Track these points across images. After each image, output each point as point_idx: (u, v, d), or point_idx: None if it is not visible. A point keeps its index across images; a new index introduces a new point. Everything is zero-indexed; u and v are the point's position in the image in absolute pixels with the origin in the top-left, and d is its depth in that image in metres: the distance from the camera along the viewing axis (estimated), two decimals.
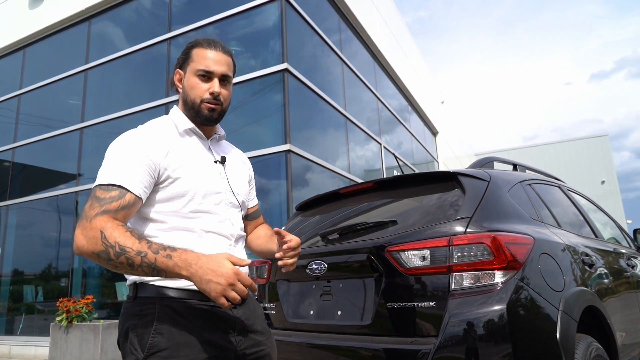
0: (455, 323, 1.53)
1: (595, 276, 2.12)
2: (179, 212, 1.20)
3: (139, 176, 1.13)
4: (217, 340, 1.17)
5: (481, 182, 1.96)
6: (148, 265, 1.02)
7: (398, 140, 10.31)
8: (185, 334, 1.13)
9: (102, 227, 1.04)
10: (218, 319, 1.19)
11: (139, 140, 1.18)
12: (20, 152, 7.86)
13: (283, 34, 5.59)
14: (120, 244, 1.03)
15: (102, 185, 1.12)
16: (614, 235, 3.27)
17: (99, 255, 1.04)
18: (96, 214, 1.07)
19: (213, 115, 1.28)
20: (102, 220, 1.06)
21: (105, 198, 1.09)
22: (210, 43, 1.31)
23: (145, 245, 1.04)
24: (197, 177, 1.22)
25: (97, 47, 7.33)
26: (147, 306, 1.15)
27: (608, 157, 23.41)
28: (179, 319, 1.14)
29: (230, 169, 1.36)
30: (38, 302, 7.07)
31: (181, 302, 1.15)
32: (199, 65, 1.27)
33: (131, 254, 1.02)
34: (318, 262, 1.99)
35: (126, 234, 1.05)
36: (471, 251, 1.62)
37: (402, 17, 12.16)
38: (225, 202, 1.28)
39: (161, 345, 1.11)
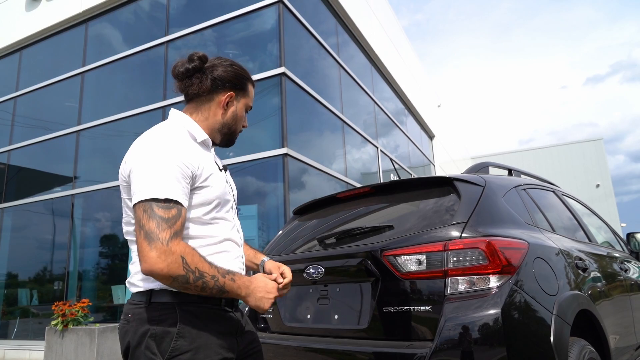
0: (450, 327, 1.55)
1: (588, 280, 2.15)
2: (200, 219, 1.23)
3: (185, 188, 1.17)
4: (228, 342, 1.24)
5: (476, 187, 1.98)
6: (219, 287, 1.16)
7: (395, 143, 10.35)
8: (205, 336, 1.19)
9: (183, 252, 1.11)
10: (227, 322, 1.26)
11: (175, 149, 1.18)
12: (16, 155, 7.84)
13: (280, 38, 5.62)
14: (200, 270, 1.13)
15: (159, 200, 1.12)
16: (607, 239, 3.30)
17: (176, 279, 1.10)
18: (170, 237, 1.11)
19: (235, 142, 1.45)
20: (181, 246, 1.12)
21: (170, 218, 1.12)
22: (254, 84, 1.46)
23: (215, 270, 1.16)
24: (220, 186, 1.28)
25: (94, 50, 7.33)
26: (165, 311, 1.17)
27: (603, 161, 23.55)
28: (198, 323, 1.19)
29: (229, 178, 1.44)
30: (33, 306, 7.04)
31: (198, 307, 1.20)
32: (251, 102, 1.43)
33: (207, 279, 1.14)
34: (315, 267, 2.00)
35: (202, 260, 1.15)
36: (466, 256, 1.64)
37: (399, 20, 12.22)
38: (233, 210, 1.36)
39: (183, 348, 1.15)
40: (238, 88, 1.35)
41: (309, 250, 2.22)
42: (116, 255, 6.61)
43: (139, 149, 1.19)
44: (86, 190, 6.75)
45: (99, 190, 6.61)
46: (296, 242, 2.35)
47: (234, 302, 1.31)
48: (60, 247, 6.89)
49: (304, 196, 5.62)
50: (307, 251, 2.21)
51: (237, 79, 1.35)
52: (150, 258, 1.08)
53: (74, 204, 6.87)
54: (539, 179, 2.91)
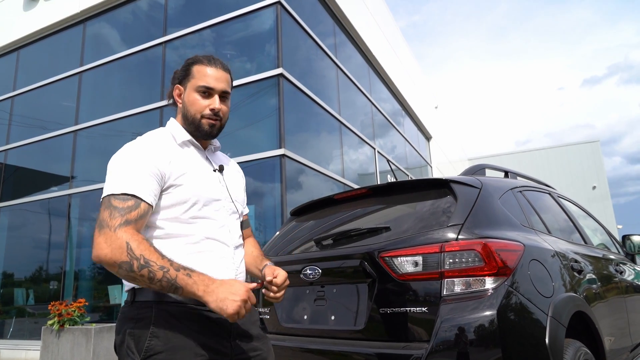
0: (446, 328, 1.56)
1: (584, 282, 2.16)
2: (179, 218, 1.23)
3: (149, 185, 1.18)
4: (212, 344, 1.19)
5: (473, 189, 1.99)
6: (168, 280, 1.08)
7: (392, 144, 10.37)
8: (181, 337, 1.16)
9: (129, 239, 1.09)
10: (213, 324, 1.21)
11: (143, 149, 1.23)
12: (13, 154, 7.81)
13: (278, 39, 5.63)
14: (145, 258, 1.08)
15: (116, 194, 1.15)
16: (603, 241, 3.32)
17: (120, 265, 1.08)
18: (119, 224, 1.11)
19: (213, 130, 1.33)
20: (128, 232, 1.11)
21: (124, 208, 1.13)
22: (211, 60, 1.34)
23: (167, 262, 1.10)
24: (198, 185, 1.26)
25: (92, 50, 7.32)
26: (144, 310, 1.18)
27: (599, 163, 23.64)
28: (175, 323, 1.16)
29: (228, 178, 1.40)
30: (29, 305, 7.01)
31: (177, 306, 1.18)
32: (200, 81, 1.31)
33: (154, 268, 1.08)
34: (312, 268, 2.01)
35: (151, 249, 1.11)
36: (462, 257, 1.65)
37: (396, 21, 12.26)
38: (225, 209, 1.32)
39: (157, 348, 1.14)
40: (182, 77, 1.35)
41: (306, 251, 2.23)
42: None
43: (114, 155, 1.24)
44: (83, 190, 6.74)
45: (96, 190, 6.60)
46: (293, 243, 2.36)
47: None
48: (56, 246, 6.87)
49: (301, 197, 5.62)
50: (304, 252, 2.22)
51: (182, 70, 1.36)
52: (97, 244, 1.10)
53: (70, 204, 6.86)
54: (535, 181, 2.92)
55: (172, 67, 6.51)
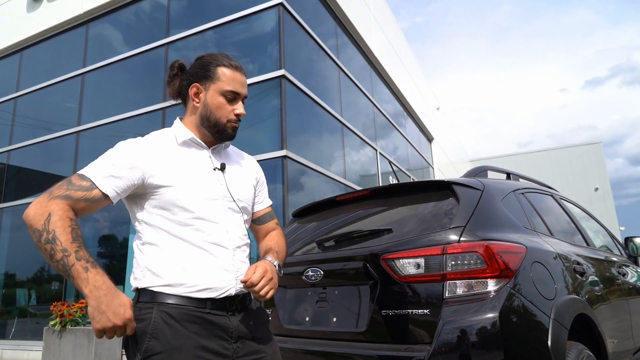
0: (448, 330, 1.56)
1: (586, 284, 2.16)
2: (173, 220, 1.24)
3: (115, 178, 1.19)
4: (212, 346, 1.19)
5: (475, 191, 1.99)
6: (64, 265, 1.07)
7: (393, 145, 10.36)
8: (180, 339, 1.16)
9: (54, 210, 1.10)
10: (214, 325, 1.21)
11: (130, 146, 1.25)
12: (15, 155, 7.84)
13: (280, 41, 5.64)
14: (55, 234, 1.07)
15: (79, 174, 1.19)
16: (605, 243, 3.31)
17: (34, 231, 1.09)
18: (59, 195, 1.13)
19: (235, 134, 1.35)
20: (59, 205, 1.11)
21: (75, 185, 1.16)
22: (235, 65, 1.35)
23: (74, 247, 1.08)
24: (190, 185, 1.25)
25: (95, 51, 7.34)
26: (145, 310, 1.19)
27: (602, 164, 23.58)
28: (174, 324, 1.17)
29: (231, 175, 1.37)
30: (31, 306, 7.03)
31: (177, 308, 1.19)
32: (228, 86, 1.31)
33: (57, 247, 1.07)
34: (314, 269, 2.01)
35: (67, 228, 1.09)
36: (465, 260, 1.65)
37: (398, 22, 12.26)
38: (222, 209, 1.29)
39: (156, 349, 1.15)
40: (202, 77, 1.33)
41: (308, 252, 2.23)
42: (114, 256, 6.61)
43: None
44: None
45: None
46: (295, 245, 2.36)
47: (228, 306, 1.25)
48: None
49: (303, 198, 5.62)
50: (306, 254, 2.22)
51: (200, 69, 1.35)
52: (30, 206, 1.12)
53: None
54: (537, 183, 2.92)
55: None
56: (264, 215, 1.51)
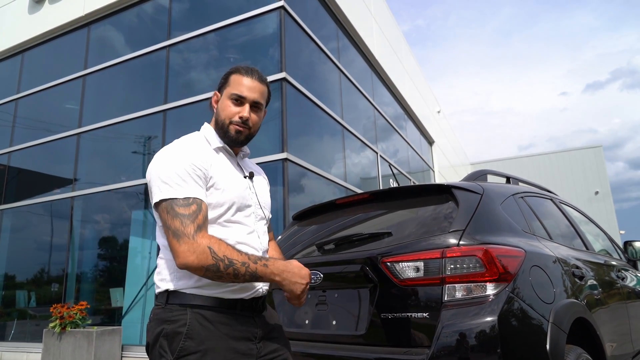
0: (447, 334, 1.57)
1: (585, 288, 2.16)
2: (215, 221, 1.29)
3: (200, 186, 1.26)
4: (240, 347, 1.25)
5: (474, 195, 2.00)
6: (251, 274, 1.20)
7: (394, 148, 10.37)
8: (213, 340, 1.22)
9: (209, 243, 1.18)
10: (242, 327, 1.27)
11: (186, 152, 1.28)
12: (16, 156, 7.85)
13: (281, 43, 5.65)
14: (229, 257, 1.18)
15: (178, 199, 1.21)
16: (604, 247, 3.32)
17: (208, 268, 1.17)
18: (195, 231, 1.19)
19: (239, 137, 1.37)
20: (206, 237, 1.19)
21: (190, 214, 1.20)
22: (248, 71, 1.40)
23: (245, 257, 1.20)
24: (233, 189, 1.32)
25: (96, 53, 7.36)
26: (178, 312, 1.23)
27: (602, 168, 23.58)
28: (208, 326, 1.22)
29: (257, 184, 1.45)
30: (31, 308, 7.03)
31: (210, 310, 1.24)
32: (234, 89, 1.37)
33: (237, 266, 1.18)
34: (314, 272, 2.02)
35: (229, 248, 1.20)
36: (464, 263, 1.66)
37: (400, 25, 12.29)
38: (254, 215, 1.37)
39: (191, 349, 1.19)
40: (221, 85, 1.42)
41: (308, 255, 2.23)
42: (115, 258, 6.61)
43: (155, 157, 1.30)
44: (86, 193, 6.76)
45: (99, 193, 6.62)
46: (295, 248, 2.37)
47: (254, 305, 1.32)
48: (59, 249, 6.89)
49: (303, 201, 5.63)
50: (306, 257, 2.22)
51: (222, 79, 1.43)
52: (182, 253, 1.17)
53: (73, 206, 6.88)
54: (536, 187, 2.93)
55: (175, 71, 6.54)
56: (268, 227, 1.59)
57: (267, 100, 1.46)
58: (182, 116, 6.12)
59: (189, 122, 6.06)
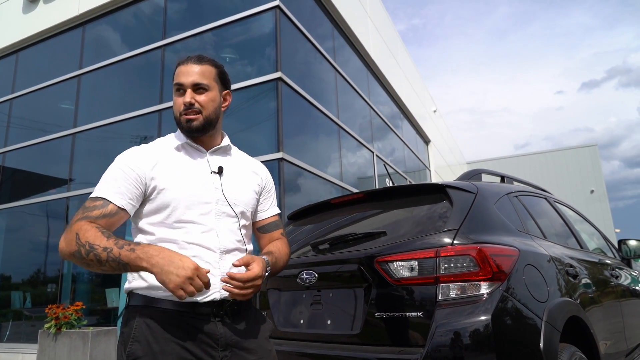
0: (442, 333, 1.57)
1: (579, 287, 2.17)
2: (164, 223, 1.24)
3: (124, 189, 1.22)
4: (197, 352, 1.18)
5: (469, 194, 2.00)
6: (114, 259, 1.09)
7: (390, 147, 10.38)
8: (162, 343, 1.16)
9: (78, 229, 1.14)
10: (198, 331, 1.19)
11: (129, 156, 1.28)
12: (11, 156, 7.81)
13: (277, 43, 5.65)
14: (90, 243, 1.11)
15: (91, 197, 1.23)
16: (599, 246, 3.33)
17: (74, 255, 1.12)
18: (77, 220, 1.17)
19: (192, 124, 1.30)
20: (79, 224, 1.15)
21: (89, 207, 1.20)
22: (185, 58, 1.34)
23: (112, 242, 1.11)
24: (182, 188, 1.26)
25: (91, 53, 7.33)
26: (132, 314, 1.21)
27: (597, 167, 23.71)
28: (156, 328, 1.17)
29: (229, 179, 1.35)
30: (26, 308, 6.99)
31: (162, 312, 1.19)
32: (174, 81, 1.33)
33: (98, 251, 1.10)
34: (308, 272, 2.02)
35: (97, 233, 1.13)
36: (458, 262, 1.66)
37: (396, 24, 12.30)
38: (215, 213, 1.27)
39: (138, 353, 1.15)
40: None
41: (303, 255, 2.23)
42: None
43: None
44: (81, 193, 6.73)
45: None
46: (290, 247, 2.36)
47: (216, 311, 1.22)
48: (54, 249, 6.85)
49: (299, 200, 5.63)
50: (301, 256, 2.22)
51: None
52: (60, 240, 1.16)
53: (68, 206, 6.85)
54: (531, 186, 2.94)
55: (171, 70, 6.52)
56: (269, 224, 1.48)
57: (222, 79, 1.37)
58: None
59: None
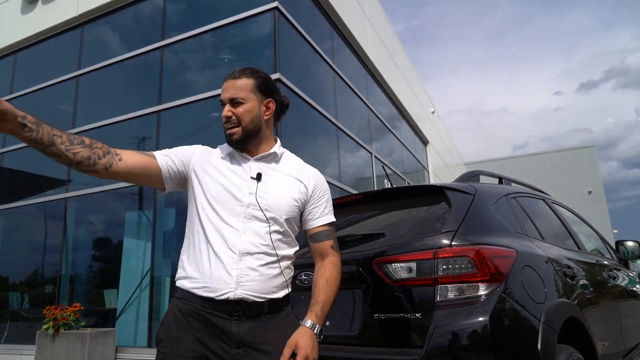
0: (440, 334, 1.58)
1: (576, 288, 2.18)
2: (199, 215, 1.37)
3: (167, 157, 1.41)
4: (211, 344, 1.26)
5: (467, 195, 2.01)
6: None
7: (389, 148, 10.40)
8: (181, 331, 1.28)
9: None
10: (214, 326, 1.28)
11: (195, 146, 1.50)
12: (9, 157, 7.79)
13: (276, 44, 5.65)
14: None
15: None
16: (597, 247, 3.35)
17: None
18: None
19: (232, 138, 1.42)
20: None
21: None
22: (228, 75, 1.47)
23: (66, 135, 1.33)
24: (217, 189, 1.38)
25: (90, 54, 7.32)
26: (170, 302, 1.37)
27: (595, 168, 23.76)
28: (180, 317, 1.30)
29: (267, 186, 1.40)
30: (24, 309, 6.98)
31: (185, 303, 1.31)
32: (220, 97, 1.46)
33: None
34: (307, 273, 2.02)
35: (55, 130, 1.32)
36: (456, 264, 1.67)
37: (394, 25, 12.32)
38: (243, 215, 1.34)
39: (161, 336, 1.31)
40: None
41: (302, 256, 2.23)
42: (109, 259, 6.58)
43: None
44: (79, 194, 6.72)
45: (93, 194, 6.58)
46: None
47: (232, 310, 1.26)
48: (52, 250, 6.84)
49: None
50: (300, 258, 2.22)
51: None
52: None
53: (67, 207, 6.84)
54: (529, 187, 2.95)
55: (169, 71, 6.52)
56: (318, 234, 1.48)
57: (261, 88, 1.44)
58: (176, 117, 6.10)
59: (183, 123, 6.05)
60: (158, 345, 1.30)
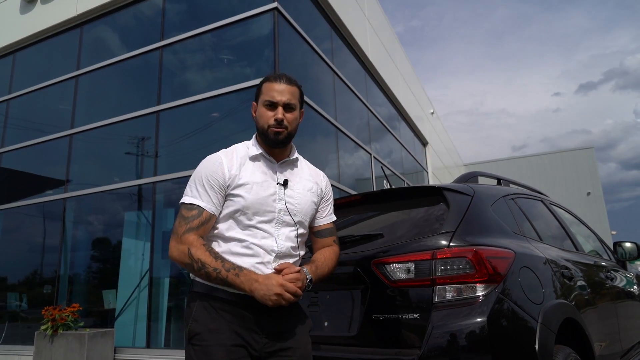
0: (438, 334, 1.58)
1: (574, 289, 2.19)
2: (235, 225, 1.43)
3: (213, 197, 1.43)
4: (244, 334, 1.37)
5: (465, 196, 2.02)
6: (221, 279, 1.33)
7: (388, 149, 10.40)
8: (216, 323, 1.37)
9: (190, 244, 1.37)
10: (248, 319, 1.38)
11: (210, 163, 1.47)
12: (8, 157, 7.79)
13: (275, 45, 5.66)
14: (202, 261, 1.34)
15: (186, 204, 1.44)
16: (595, 248, 3.35)
17: (185, 265, 1.38)
18: (184, 231, 1.39)
19: (279, 137, 1.47)
20: (190, 239, 1.38)
21: (188, 217, 1.41)
22: (277, 77, 1.52)
23: (219, 264, 1.34)
24: (252, 197, 1.43)
25: (89, 54, 7.32)
26: (193, 300, 1.43)
27: (594, 169, 23.79)
28: (212, 311, 1.39)
29: (293, 191, 1.51)
30: (22, 310, 6.97)
31: (218, 299, 1.39)
32: (266, 96, 1.49)
33: (209, 270, 1.34)
34: None
35: (206, 253, 1.36)
36: (454, 265, 1.67)
37: (394, 26, 12.33)
38: (276, 221, 1.45)
39: (197, 330, 1.37)
40: (256, 95, 1.55)
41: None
42: (107, 260, 6.57)
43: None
44: (78, 194, 6.72)
45: (92, 194, 6.58)
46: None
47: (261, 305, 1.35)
48: (51, 250, 6.84)
49: None
50: None
51: (256, 90, 1.56)
52: (170, 247, 1.40)
53: (65, 208, 6.83)
54: (527, 188, 2.95)
55: (169, 71, 6.52)
56: (324, 231, 1.63)
57: (302, 100, 1.56)
58: (175, 117, 6.10)
59: (183, 123, 6.05)
60: (193, 339, 1.36)
